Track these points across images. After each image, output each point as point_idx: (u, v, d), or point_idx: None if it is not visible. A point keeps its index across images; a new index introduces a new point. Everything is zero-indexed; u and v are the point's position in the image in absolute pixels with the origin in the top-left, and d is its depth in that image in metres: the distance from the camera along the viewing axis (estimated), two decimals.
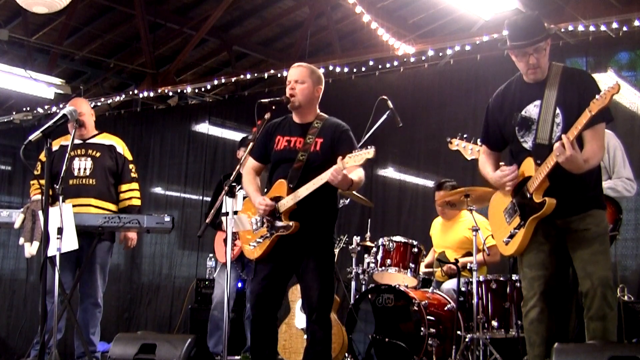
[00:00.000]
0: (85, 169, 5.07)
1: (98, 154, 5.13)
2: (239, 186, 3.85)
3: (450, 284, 5.18)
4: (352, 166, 3.59)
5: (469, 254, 5.12)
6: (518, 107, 3.45)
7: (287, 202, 3.76)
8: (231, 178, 3.73)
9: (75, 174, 5.05)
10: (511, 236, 3.41)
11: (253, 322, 3.92)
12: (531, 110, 3.40)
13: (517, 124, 3.44)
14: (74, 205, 4.49)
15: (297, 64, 4.01)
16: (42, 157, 4.96)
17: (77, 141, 5.05)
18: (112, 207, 5.12)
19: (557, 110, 3.31)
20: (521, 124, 3.43)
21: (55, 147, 5.03)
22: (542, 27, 3.36)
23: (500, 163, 3.69)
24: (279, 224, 3.79)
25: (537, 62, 3.35)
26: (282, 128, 3.98)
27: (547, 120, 3.32)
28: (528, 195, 3.31)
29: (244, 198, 4.38)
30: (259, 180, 4.07)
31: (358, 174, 3.72)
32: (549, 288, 3.37)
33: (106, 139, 5.27)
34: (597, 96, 3.04)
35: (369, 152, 3.47)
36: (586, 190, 3.34)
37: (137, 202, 5.24)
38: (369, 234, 5.74)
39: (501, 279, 4.82)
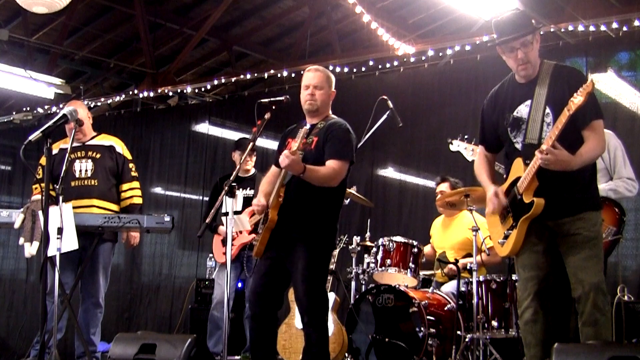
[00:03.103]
0: (86, 170, 5.08)
1: (98, 155, 5.13)
2: (239, 186, 3.87)
3: (450, 287, 5.18)
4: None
5: (470, 255, 5.12)
6: (510, 108, 3.44)
7: (272, 198, 3.83)
8: (231, 178, 3.74)
9: (77, 175, 5.06)
10: (505, 237, 3.40)
11: (252, 319, 3.93)
12: (522, 110, 3.39)
13: (509, 124, 3.43)
14: (77, 207, 4.49)
15: (314, 68, 4.08)
16: (43, 161, 4.97)
17: (76, 144, 5.06)
18: (114, 207, 5.12)
19: (547, 110, 3.29)
20: (513, 125, 3.42)
21: (54, 151, 5.04)
22: (528, 22, 3.37)
23: (496, 166, 3.69)
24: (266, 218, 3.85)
25: (525, 56, 3.33)
26: (293, 132, 4.03)
27: (536, 120, 3.31)
28: (518, 196, 3.31)
29: (244, 198, 4.40)
30: None
31: (329, 168, 3.76)
32: (542, 289, 3.36)
33: (105, 139, 5.27)
34: (575, 94, 3.02)
35: (302, 130, 3.68)
36: (578, 191, 3.31)
37: (139, 201, 5.25)
38: (369, 234, 5.73)
39: (501, 279, 4.82)
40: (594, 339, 3.17)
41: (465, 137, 4.02)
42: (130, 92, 9.26)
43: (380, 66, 7.90)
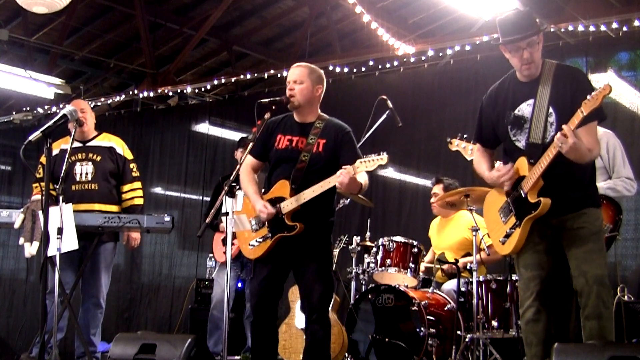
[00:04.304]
0: (87, 173, 5.07)
1: (99, 158, 5.12)
2: (239, 186, 3.85)
3: (451, 285, 5.18)
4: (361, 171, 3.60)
5: (469, 254, 5.11)
6: (511, 106, 3.44)
7: (290, 204, 3.76)
8: (231, 178, 3.73)
9: (78, 179, 5.05)
10: (507, 236, 3.40)
11: (254, 323, 3.92)
12: (524, 109, 3.39)
13: (509, 122, 3.43)
14: (78, 211, 4.49)
15: (297, 64, 4.00)
16: (43, 160, 4.97)
17: (77, 144, 5.06)
18: (115, 208, 5.11)
19: (551, 110, 3.30)
20: (514, 123, 3.42)
21: (55, 151, 5.03)
22: (533, 22, 3.36)
23: (496, 163, 3.69)
24: (282, 225, 3.79)
25: (530, 56, 3.33)
26: (282, 127, 3.96)
27: (540, 120, 3.31)
28: (523, 195, 3.31)
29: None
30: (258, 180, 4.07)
31: (364, 178, 3.73)
32: (545, 288, 3.36)
33: (106, 140, 5.26)
34: (588, 97, 3.02)
35: (382, 159, 3.48)
36: (581, 188, 3.33)
37: (140, 202, 5.24)
38: (369, 233, 5.74)
39: (501, 278, 4.82)
40: (598, 333, 3.17)
41: (465, 136, 4.01)
42: (130, 92, 9.27)
43: (380, 66, 7.90)
